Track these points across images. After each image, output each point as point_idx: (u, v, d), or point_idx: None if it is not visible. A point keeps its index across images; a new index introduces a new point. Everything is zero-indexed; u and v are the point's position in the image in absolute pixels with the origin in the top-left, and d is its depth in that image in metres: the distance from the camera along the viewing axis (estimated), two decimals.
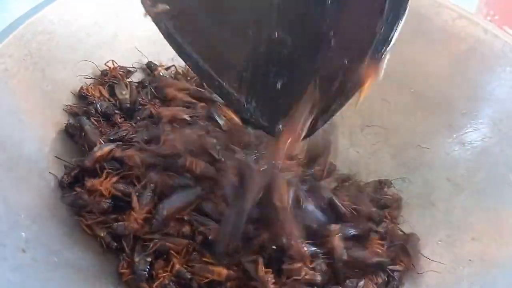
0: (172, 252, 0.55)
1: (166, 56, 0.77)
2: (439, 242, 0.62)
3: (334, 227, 0.58)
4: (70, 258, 0.53)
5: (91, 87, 0.68)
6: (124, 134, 0.64)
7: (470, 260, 0.57)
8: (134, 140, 0.63)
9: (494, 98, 0.71)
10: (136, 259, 0.54)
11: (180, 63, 0.74)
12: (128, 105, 0.69)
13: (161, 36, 0.75)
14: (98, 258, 0.56)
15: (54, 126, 0.63)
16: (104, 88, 0.69)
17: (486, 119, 0.70)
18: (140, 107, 0.70)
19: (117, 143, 0.62)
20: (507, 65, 0.70)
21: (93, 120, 0.65)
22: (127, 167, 0.60)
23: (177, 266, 0.54)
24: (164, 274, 0.54)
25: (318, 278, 0.55)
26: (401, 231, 0.66)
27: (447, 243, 0.61)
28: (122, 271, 0.55)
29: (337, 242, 0.57)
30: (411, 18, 0.77)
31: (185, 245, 0.56)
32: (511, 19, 0.93)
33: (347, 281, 0.57)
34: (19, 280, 0.46)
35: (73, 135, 0.64)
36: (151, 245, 0.55)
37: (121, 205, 0.58)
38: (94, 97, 0.67)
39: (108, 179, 0.58)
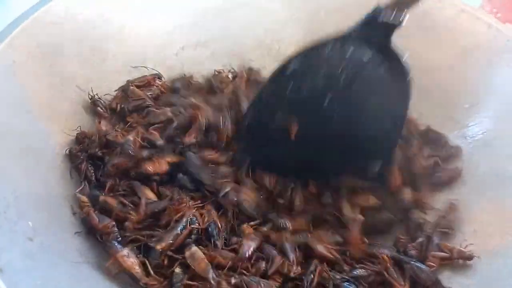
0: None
1: (172, 50, 0.78)
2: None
3: None
4: (78, 247, 0.54)
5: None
6: None
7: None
8: None
9: (497, 92, 0.71)
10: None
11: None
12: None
13: (167, 29, 0.78)
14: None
15: (61, 118, 0.64)
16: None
17: (489, 113, 0.71)
18: None
19: None
20: (511, 60, 0.71)
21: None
22: None
23: (224, 285, 0.52)
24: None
25: None
26: None
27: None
28: None
29: None
30: (414, 13, 0.79)
31: (230, 259, 0.54)
32: None
33: None
34: (31, 265, 0.47)
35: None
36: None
37: None
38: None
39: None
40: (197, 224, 0.56)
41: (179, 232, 0.55)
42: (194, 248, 0.54)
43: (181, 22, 0.79)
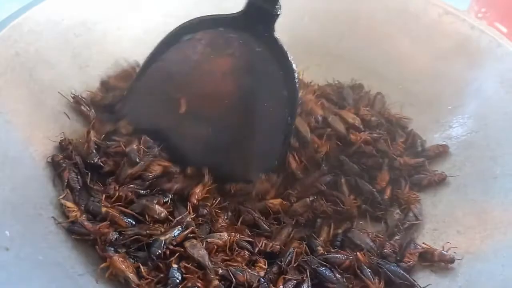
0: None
1: None
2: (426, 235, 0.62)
3: None
4: (56, 257, 0.53)
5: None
6: None
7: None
8: None
9: (480, 94, 0.71)
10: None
11: None
12: None
13: (152, 35, 0.77)
14: (84, 257, 0.56)
15: (41, 126, 0.63)
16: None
17: (473, 114, 0.71)
18: None
19: None
20: (494, 61, 0.71)
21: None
22: None
23: (216, 283, 0.53)
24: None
25: None
26: None
27: (433, 237, 0.62)
28: None
29: None
30: (399, 16, 0.79)
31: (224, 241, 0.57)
32: (503, 16, 0.94)
33: None
34: (4, 278, 0.46)
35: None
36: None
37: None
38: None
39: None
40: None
41: (181, 230, 0.57)
42: (194, 240, 0.56)
43: (166, 28, 0.79)
